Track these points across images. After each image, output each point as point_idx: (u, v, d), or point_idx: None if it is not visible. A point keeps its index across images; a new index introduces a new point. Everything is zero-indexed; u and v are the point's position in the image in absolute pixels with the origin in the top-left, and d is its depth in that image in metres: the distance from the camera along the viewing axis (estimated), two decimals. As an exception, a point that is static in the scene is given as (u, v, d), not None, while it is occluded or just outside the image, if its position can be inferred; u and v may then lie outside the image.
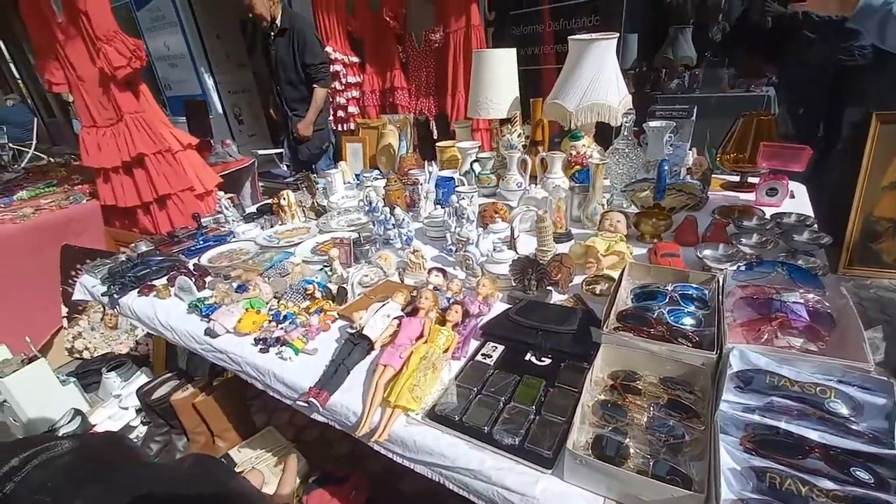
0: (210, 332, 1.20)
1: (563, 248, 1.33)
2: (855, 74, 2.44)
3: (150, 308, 1.38)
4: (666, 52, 2.88)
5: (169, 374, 1.69)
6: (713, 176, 1.72)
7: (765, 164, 1.48)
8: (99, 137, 2.36)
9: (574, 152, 1.70)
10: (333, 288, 1.27)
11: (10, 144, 7.74)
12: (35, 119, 8.33)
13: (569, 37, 1.64)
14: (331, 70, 3.54)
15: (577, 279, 1.20)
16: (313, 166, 3.33)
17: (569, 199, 1.52)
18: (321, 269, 1.40)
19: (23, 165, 5.00)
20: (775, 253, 1.17)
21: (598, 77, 1.58)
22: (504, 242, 1.27)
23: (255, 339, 1.13)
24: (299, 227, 1.79)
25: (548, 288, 1.16)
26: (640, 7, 2.89)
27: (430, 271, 1.22)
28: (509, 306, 1.11)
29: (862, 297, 2.30)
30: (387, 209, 1.49)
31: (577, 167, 1.67)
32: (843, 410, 0.68)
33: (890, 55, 1.30)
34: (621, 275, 1.06)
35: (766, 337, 0.88)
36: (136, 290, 1.45)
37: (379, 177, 2.05)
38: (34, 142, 7.84)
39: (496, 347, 1.00)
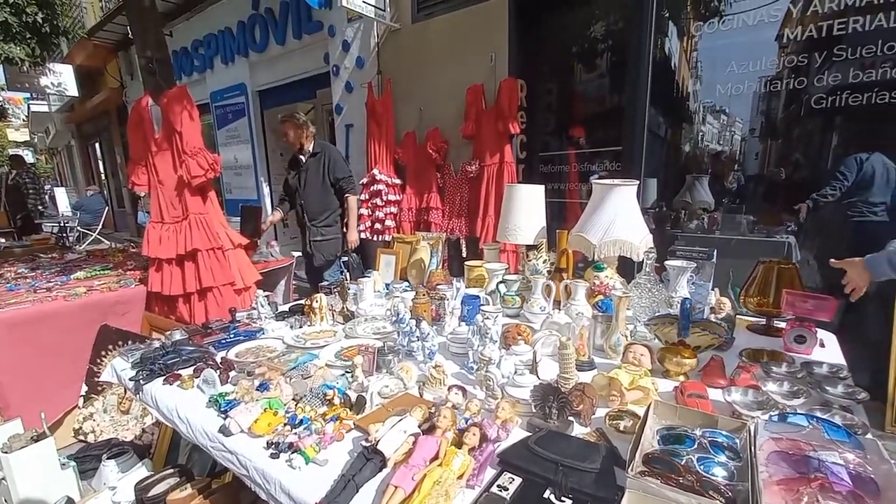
0: (224, 430, 1.19)
1: (586, 376, 1.32)
2: (870, 230, 2.55)
3: (171, 398, 1.40)
4: (684, 196, 3.09)
5: (170, 471, 1.63)
6: (739, 316, 1.73)
7: (789, 312, 1.49)
8: (162, 232, 2.63)
9: (597, 282, 1.77)
10: (353, 395, 1.27)
11: (79, 228, 8.57)
12: (106, 208, 9.30)
13: (592, 180, 1.82)
14: (372, 188, 3.94)
15: (600, 411, 1.17)
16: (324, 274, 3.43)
17: (592, 327, 1.54)
18: (342, 375, 1.41)
19: (83, 248, 5.47)
20: (808, 404, 1.13)
21: (620, 217, 1.71)
22: (526, 366, 1.28)
23: (267, 442, 1.12)
24: (326, 329, 1.85)
25: (569, 418, 1.13)
26: (658, 156, 3.19)
27: (450, 388, 1.22)
28: (528, 434, 1.08)
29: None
30: (413, 321, 1.54)
31: (601, 296, 1.71)
32: None
33: None
34: (647, 413, 1.04)
35: (806, 500, 0.81)
36: (163, 378, 1.48)
37: (408, 289, 2.15)
38: (99, 227, 8.66)
39: (513, 479, 0.95)
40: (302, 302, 2.03)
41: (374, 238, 4.04)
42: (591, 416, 1.15)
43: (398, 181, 4.00)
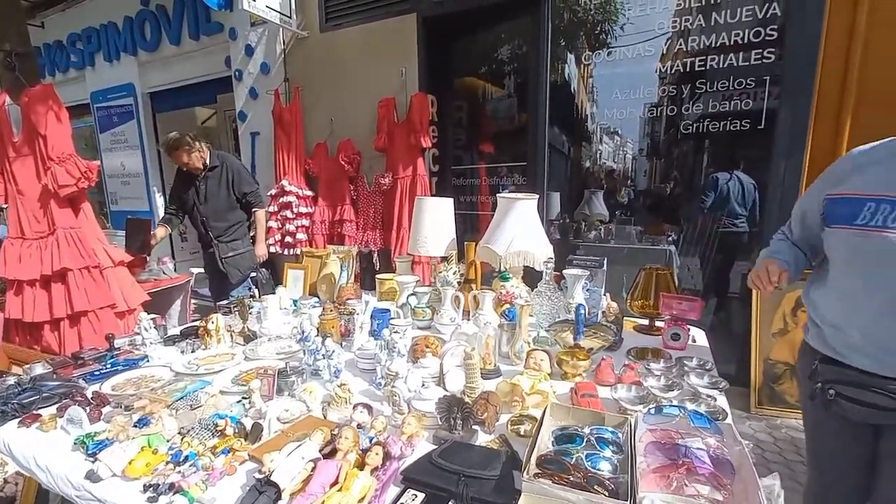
0: (92, 476, 1.04)
1: (492, 384, 1.36)
2: (732, 239, 3.00)
3: (27, 443, 1.20)
4: (583, 209, 3.37)
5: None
6: (627, 318, 1.90)
7: (666, 313, 1.67)
8: (23, 249, 2.26)
9: (503, 291, 1.84)
10: (248, 423, 1.18)
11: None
12: (-48, 222, 7.80)
13: (497, 194, 1.90)
14: (281, 200, 3.76)
15: (504, 417, 1.20)
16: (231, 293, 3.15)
17: (498, 336, 1.60)
18: (239, 402, 1.31)
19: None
20: (681, 396, 1.26)
21: (523, 229, 1.80)
22: (433, 378, 1.28)
23: (144, 485, 1.00)
24: (223, 353, 1.70)
25: (474, 427, 1.15)
26: (560, 172, 3.44)
27: (355, 407, 1.18)
28: (434, 447, 1.08)
29: (776, 438, 2.44)
30: (319, 339, 1.48)
31: (507, 305, 1.78)
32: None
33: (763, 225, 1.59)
34: (543, 415, 1.09)
35: (675, 485, 0.91)
36: (18, 420, 1.27)
37: (317, 304, 2.06)
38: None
39: (416, 496, 0.94)
40: (196, 324, 1.85)
41: (285, 252, 3.85)
42: (494, 423, 1.18)
43: (309, 193, 3.86)
